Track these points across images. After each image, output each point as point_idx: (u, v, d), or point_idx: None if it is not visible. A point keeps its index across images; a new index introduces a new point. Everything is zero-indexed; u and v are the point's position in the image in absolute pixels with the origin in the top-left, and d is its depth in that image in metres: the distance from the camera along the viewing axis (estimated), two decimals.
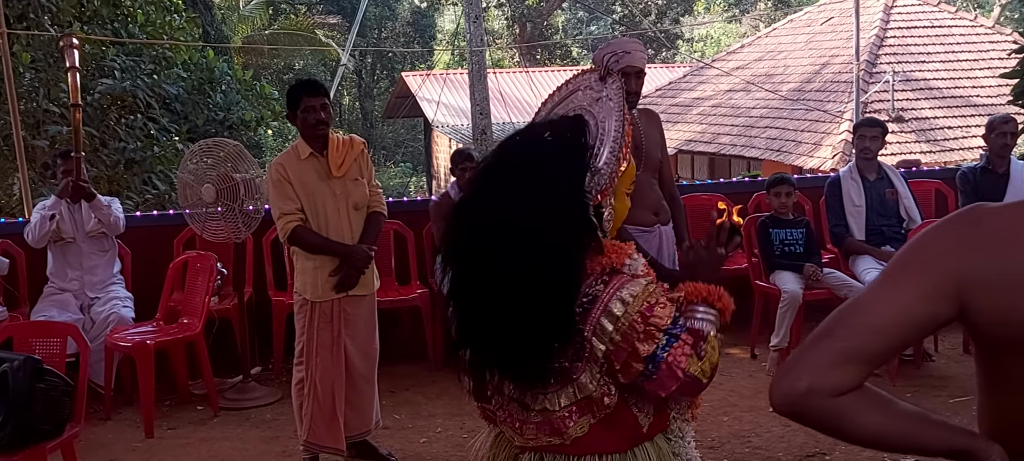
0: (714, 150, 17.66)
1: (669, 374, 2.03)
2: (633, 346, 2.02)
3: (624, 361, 2.03)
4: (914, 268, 1.41)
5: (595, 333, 2.03)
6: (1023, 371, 1.37)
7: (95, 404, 5.59)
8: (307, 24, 20.05)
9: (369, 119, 32.51)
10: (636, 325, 2.01)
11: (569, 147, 2.12)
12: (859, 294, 1.44)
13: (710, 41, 34.83)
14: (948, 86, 16.27)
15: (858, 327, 1.38)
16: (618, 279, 2.06)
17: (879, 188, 6.28)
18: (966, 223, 1.41)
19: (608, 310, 2.02)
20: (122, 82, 10.31)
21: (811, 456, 4.74)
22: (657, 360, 2.03)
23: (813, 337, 1.41)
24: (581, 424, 2.12)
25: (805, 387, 1.36)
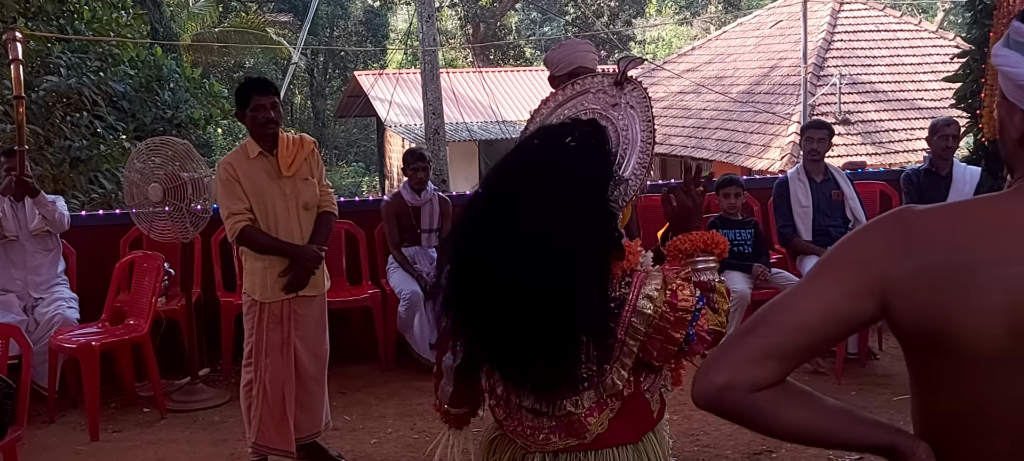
0: (665, 151, 17.79)
1: (699, 342, 2.14)
2: (667, 334, 2.09)
3: (660, 347, 2.11)
4: (840, 266, 1.43)
5: (629, 333, 2.08)
6: (943, 370, 1.40)
7: (38, 407, 5.49)
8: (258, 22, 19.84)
9: (321, 118, 32.27)
10: (667, 316, 2.08)
11: (595, 154, 2.10)
12: (784, 293, 1.46)
13: (661, 43, 35.08)
14: (893, 89, 16.56)
15: (780, 324, 1.40)
16: (638, 277, 2.12)
17: (826, 189, 6.38)
18: (893, 224, 1.43)
19: (638, 310, 2.07)
20: (67, 79, 10.13)
21: (758, 454, 4.80)
22: (690, 338, 2.13)
23: (735, 334, 1.43)
24: (601, 420, 2.16)
25: (723, 382, 1.38)
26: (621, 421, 2.19)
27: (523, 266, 1.99)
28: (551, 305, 1.99)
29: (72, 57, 10.53)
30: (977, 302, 1.33)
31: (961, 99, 8.00)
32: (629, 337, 2.08)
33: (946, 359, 1.38)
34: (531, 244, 2.00)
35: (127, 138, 10.54)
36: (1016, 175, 1.44)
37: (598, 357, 2.06)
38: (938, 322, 1.35)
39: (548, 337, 2.01)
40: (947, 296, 1.34)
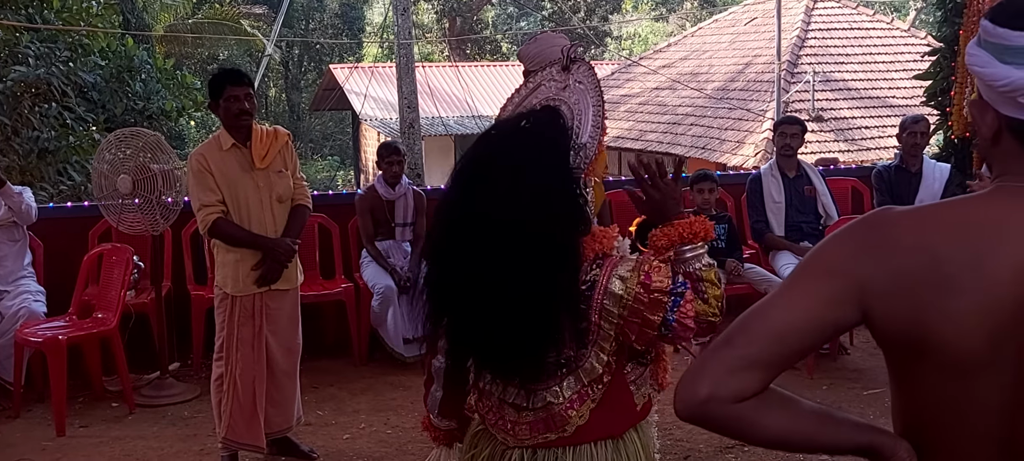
0: (641, 147, 17.82)
1: (683, 329, 2.10)
2: (643, 317, 2.07)
3: (638, 331, 2.09)
4: (816, 274, 1.42)
5: (603, 316, 2.08)
6: (922, 372, 1.39)
7: (3, 401, 5.43)
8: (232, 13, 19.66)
9: (296, 111, 32.09)
10: (641, 297, 2.06)
11: (549, 130, 2.14)
12: (762, 300, 1.45)
13: (638, 39, 35.17)
14: (866, 87, 16.68)
15: (759, 333, 1.39)
16: (610, 261, 2.13)
17: (798, 185, 6.40)
18: (868, 228, 1.42)
19: (609, 291, 2.07)
20: (36, 69, 10.00)
21: (730, 447, 4.80)
22: (669, 323, 2.09)
23: (715, 344, 1.42)
24: (582, 412, 2.16)
25: (705, 395, 1.37)
26: (602, 413, 2.18)
27: (493, 251, 2.02)
28: (523, 286, 2.02)
29: (41, 47, 10.40)
30: (954, 305, 1.32)
31: (931, 97, 8.05)
32: (603, 320, 2.08)
33: (925, 362, 1.37)
34: (499, 228, 2.03)
35: (97, 129, 10.44)
36: (994, 173, 1.43)
37: (575, 340, 2.09)
38: (916, 326, 1.34)
39: (524, 318, 2.03)
40: (924, 300, 1.33)
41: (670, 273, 2.12)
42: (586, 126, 2.21)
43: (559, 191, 2.08)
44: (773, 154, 6.81)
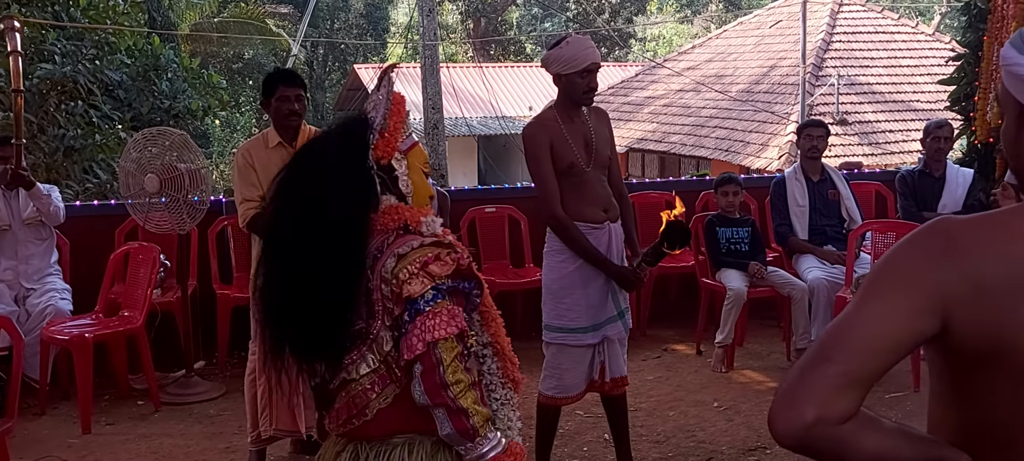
0: (664, 149, 17.79)
1: (419, 334, 2.07)
2: (402, 286, 2.09)
3: (395, 302, 2.11)
4: (898, 285, 1.37)
5: (381, 278, 2.12)
6: (993, 381, 1.36)
7: (30, 399, 5.46)
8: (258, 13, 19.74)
9: (321, 111, 32.17)
10: (412, 265, 2.10)
11: (348, 124, 2.30)
12: (847, 314, 1.39)
13: (662, 41, 35.07)
14: (890, 90, 16.58)
15: (857, 349, 1.34)
16: (409, 236, 2.19)
17: (822, 189, 6.37)
18: (937, 237, 1.39)
19: (395, 252, 2.13)
20: (62, 67, 10.08)
21: (753, 450, 4.79)
22: (416, 310, 2.09)
23: (810, 360, 1.36)
24: (385, 394, 2.16)
25: (813, 418, 1.31)
26: (411, 403, 2.14)
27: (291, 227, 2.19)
28: (307, 249, 2.15)
29: (67, 45, 10.47)
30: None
31: (955, 102, 8.00)
32: (383, 284, 2.12)
33: (993, 372, 1.34)
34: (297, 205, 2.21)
35: (123, 128, 10.50)
36: None
37: (366, 311, 2.14)
38: (990, 335, 1.32)
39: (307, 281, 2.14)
40: (1004, 307, 1.31)
41: (450, 272, 2.14)
42: (379, 111, 2.27)
43: (347, 167, 2.20)
44: (797, 157, 6.79)
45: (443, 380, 2.07)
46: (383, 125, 2.25)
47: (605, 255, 4.06)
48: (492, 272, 6.66)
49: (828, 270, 6.04)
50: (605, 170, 4.17)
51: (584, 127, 4.09)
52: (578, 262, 4.06)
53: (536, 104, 22.40)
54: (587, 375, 4.17)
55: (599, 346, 4.15)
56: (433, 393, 2.07)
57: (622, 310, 4.18)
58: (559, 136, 4.04)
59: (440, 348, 2.07)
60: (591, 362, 4.16)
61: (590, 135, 4.08)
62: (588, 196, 4.09)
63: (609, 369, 4.20)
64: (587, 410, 5.14)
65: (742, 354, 6.30)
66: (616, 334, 4.17)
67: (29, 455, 4.87)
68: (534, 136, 4.07)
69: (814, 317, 5.92)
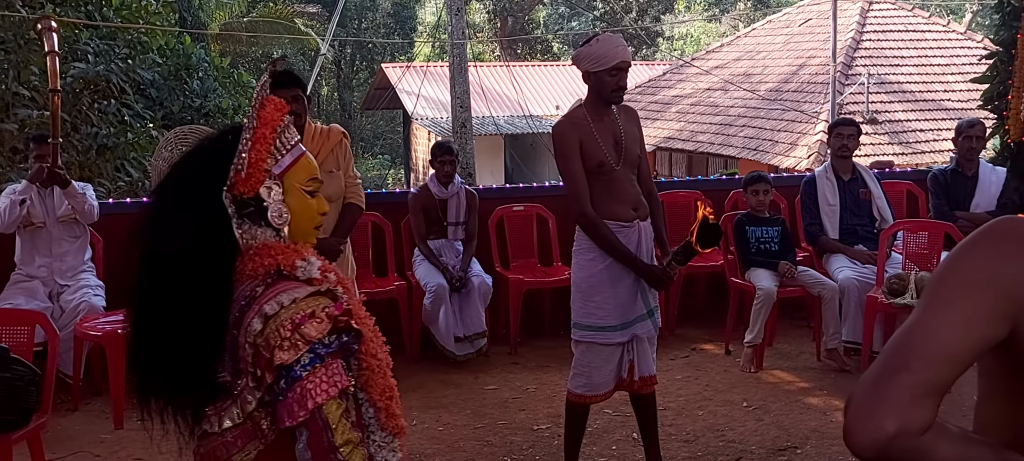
0: (692, 148, 17.73)
1: (300, 400, 1.86)
2: (272, 352, 1.86)
3: (263, 368, 1.89)
4: (967, 290, 1.34)
5: (246, 336, 1.90)
6: None
7: (63, 394, 5.51)
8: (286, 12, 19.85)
9: (348, 110, 32.36)
10: (283, 329, 1.87)
11: (210, 147, 2.07)
12: (918, 320, 1.36)
13: (690, 39, 34.96)
14: (921, 89, 16.43)
15: (933, 357, 1.31)
16: (283, 284, 1.94)
17: (853, 188, 6.33)
18: (1003, 239, 1.36)
19: (262, 311, 1.89)
20: (95, 66, 10.19)
21: (783, 450, 4.76)
22: (293, 377, 1.87)
23: (886, 369, 1.33)
24: (247, 450, 1.96)
25: (894, 429, 1.28)
26: (270, 455, 1.96)
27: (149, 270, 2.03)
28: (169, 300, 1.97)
29: (100, 44, 10.59)
30: None
31: (988, 101, 7.92)
32: (247, 343, 1.90)
33: None
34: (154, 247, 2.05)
35: (154, 126, 10.60)
36: None
37: (231, 365, 1.93)
38: None
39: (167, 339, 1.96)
40: None
41: (327, 331, 1.91)
42: (244, 136, 2.02)
43: (189, 211, 2.01)
44: (827, 156, 6.74)
45: (331, 443, 1.89)
46: (242, 159, 2.00)
47: (634, 253, 4.06)
48: (520, 270, 6.68)
49: (859, 270, 6.00)
50: (635, 168, 4.17)
51: (614, 125, 4.09)
52: (607, 260, 4.05)
53: (563, 103, 22.38)
54: (616, 373, 4.17)
55: (628, 345, 4.15)
56: (321, 458, 1.89)
57: (651, 309, 4.17)
58: (589, 134, 4.03)
59: (325, 411, 1.88)
60: (620, 360, 4.16)
61: (620, 133, 4.08)
62: (618, 194, 4.08)
63: (638, 368, 4.19)
64: (616, 409, 5.13)
65: (771, 354, 6.26)
66: (645, 333, 4.16)
67: (62, 450, 4.93)
68: (564, 134, 4.07)
69: (845, 317, 5.89)
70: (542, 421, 5.24)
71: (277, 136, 2.08)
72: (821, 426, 5.04)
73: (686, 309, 6.92)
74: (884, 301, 5.60)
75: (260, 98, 2.07)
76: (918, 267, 5.87)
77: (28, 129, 9.25)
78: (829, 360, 6.03)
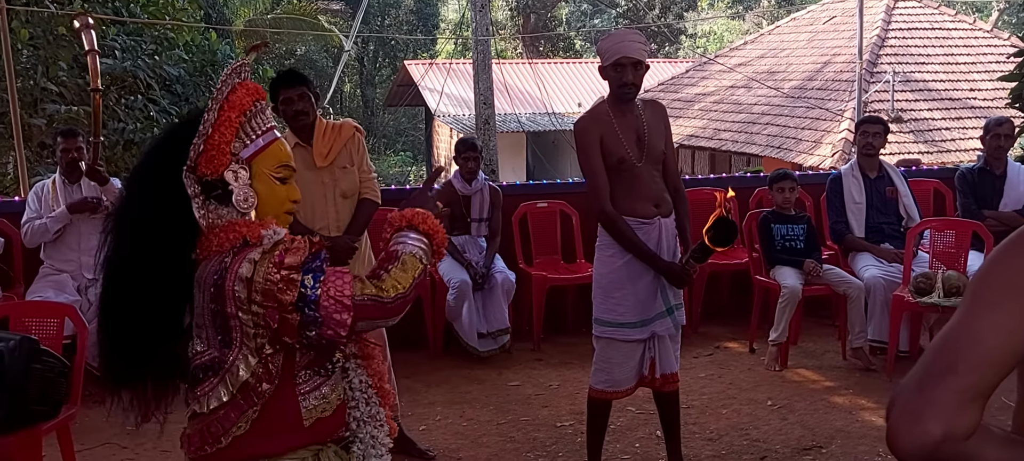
0: (715, 146, 17.67)
1: (334, 307, 1.92)
2: (277, 299, 1.91)
3: (279, 320, 1.93)
4: (1012, 292, 1.31)
5: (239, 306, 1.93)
6: None
7: (90, 386, 5.55)
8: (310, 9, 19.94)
9: (370, 106, 32.46)
10: (271, 276, 1.91)
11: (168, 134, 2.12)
12: (962, 322, 1.33)
13: (713, 37, 34.81)
14: (947, 88, 16.31)
15: (980, 361, 1.29)
16: (248, 249, 1.98)
17: (880, 186, 6.29)
18: None
19: (239, 275, 1.93)
20: (122, 62, 10.28)
21: (808, 449, 4.74)
22: (309, 300, 1.91)
23: (929, 374, 1.31)
24: (243, 421, 2.01)
25: (940, 434, 1.26)
26: (262, 426, 2.02)
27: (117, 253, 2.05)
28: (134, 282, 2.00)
29: (127, 40, 10.68)
30: None
31: (1016, 98, 7.86)
32: (241, 311, 1.93)
33: None
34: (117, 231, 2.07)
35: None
36: None
37: (219, 340, 1.98)
38: None
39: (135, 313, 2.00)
40: None
41: (305, 247, 1.98)
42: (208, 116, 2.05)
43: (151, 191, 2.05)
44: (853, 154, 6.70)
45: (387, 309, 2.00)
46: (205, 135, 2.03)
47: (653, 251, 4.03)
48: (543, 267, 6.68)
49: (885, 268, 5.96)
50: (658, 165, 4.13)
51: (637, 121, 4.06)
52: (627, 257, 4.04)
53: (585, 100, 22.36)
54: (637, 370, 4.16)
55: (649, 342, 4.13)
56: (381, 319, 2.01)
57: (671, 306, 4.14)
58: (610, 130, 4.02)
59: (359, 292, 1.96)
60: (641, 357, 4.14)
61: (643, 129, 4.06)
62: (638, 191, 4.06)
63: (659, 365, 4.17)
64: (639, 406, 5.12)
65: (796, 353, 6.24)
66: (665, 330, 4.13)
67: (90, 441, 4.98)
68: (585, 130, 4.07)
69: (870, 316, 5.85)
70: (565, 418, 5.24)
71: (247, 120, 2.10)
72: (846, 425, 5.01)
73: (710, 307, 6.90)
74: (911, 300, 5.56)
75: (231, 82, 2.09)
76: (945, 266, 5.83)
77: (56, 124, 9.34)
78: (854, 359, 5.99)
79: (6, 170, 10.52)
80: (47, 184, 5.89)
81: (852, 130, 11.12)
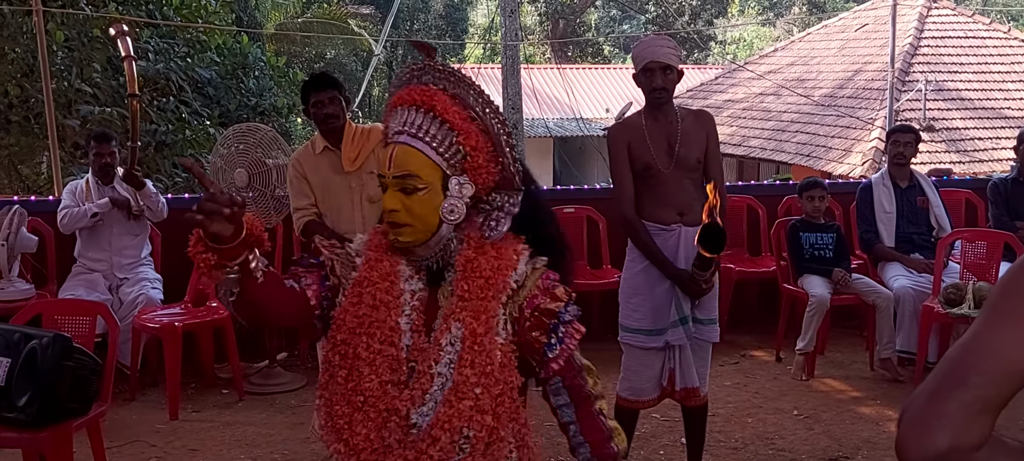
0: (743, 153, 17.57)
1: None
2: None
3: None
4: None
5: None
6: None
7: (120, 384, 5.63)
8: (340, 13, 20.02)
9: None
10: None
11: None
12: (979, 333, 1.31)
13: (743, 44, 34.63)
14: (980, 97, 16.13)
15: (992, 372, 1.27)
16: None
17: (910, 196, 6.24)
18: None
19: None
20: (155, 64, 10.38)
21: (834, 459, 4.71)
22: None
23: (943, 383, 1.29)
24: None
25: (947, 446, 1.25)
26: None
27: None
28: None
29: (160, 43, 10.79)
30: None
31: None
32: None
33: None
34: None
35: (211, 124, 10.76)
36: None
37: None
38: None
39: None
40: None
41: None
42: None
43: None
44: (884, 163, 6.66)
45: None
46: None
47: (667, 257, 3.99)
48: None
49: (915, 279, 5.92)
50: (692, 174, 4.09)
51: (670, 128, 4.05)
52: (645, 263, 4.03)
53: (613, 106, 22.32)
54: (657, 380, 4.10)
55: (669, 352, 4.07)
56: None
57: (685, 316, 4.02)
58: (639, 137, 4.03)
59: None
60: (662, 368, 4.10)
61: (675, 137, 4.05)
62: (662, 198, 4.05)
63: (679, 377, 4.08)
64: (664, 413, 5.12)
65: (823, 362, 6.20)
66: (678, 340, 4.02)
67: (119, 439, 5.03)
68: (614, 137, 4.11)
69: (899, 327, 5.81)
70: None
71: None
72: (873, 437, 4.98)
73: (737, 315, 6.87)
74: (940, 311, 5.51)
75: None
76: (976, 277, 5.77)
77: (89, 125, 9.46)
78: (882, 370, 5.95)
79: (40, 170, 10.66)
80: (81, 184, 5.97)
81: (883, 139, 11.04)
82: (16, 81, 9.92)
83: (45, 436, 3.83)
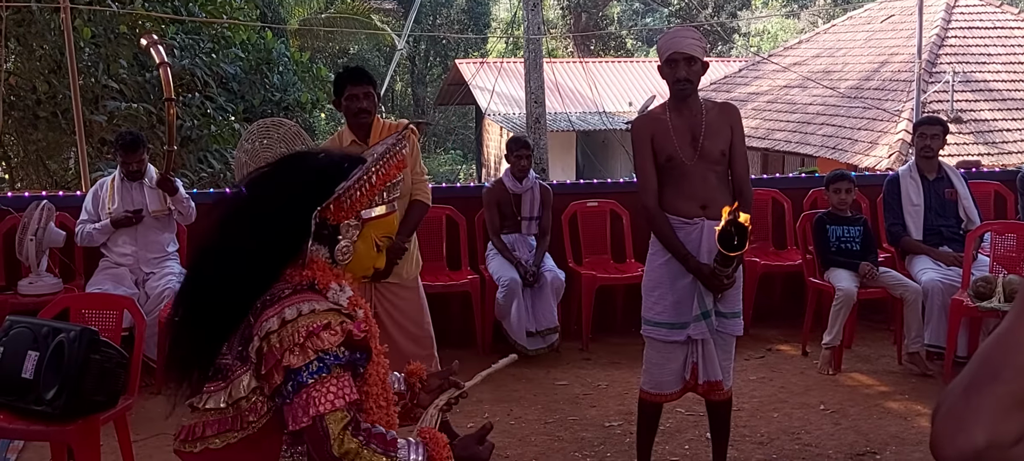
0: (767, 146, 17.47)
1: (303, 406, 1.98)
2: (283, 354, 1.99)
3: (271, 368, 2.01)
4: None
5: (259, 331, 2.03)
6: None
7: (146, 378, 5.66)
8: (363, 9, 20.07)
9: (421, 105, 32.63)
10: (297, 334, 1.99)
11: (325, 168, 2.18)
12: (1011, 326, 1.29)
13: (767, 36, 34.42)
14: (1009, 88, 15.94)
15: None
16: (308, 294, 2.07)
17: (938, 188, 6.17)
18: None
19: (281, 313, 2.02)
20: (181, 60, 10.44)
21: (862, 455, 4.67)
22: (300, 382, 1.99)
23: (977, 378, 1.28)
24: (220, 438, 2.10)
25: (984, 442, 1.23)
26: (240, 452, 2.10)
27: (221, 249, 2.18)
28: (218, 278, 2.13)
29: (185, 39, 10.85)
30: None
31: None
32: (258, 335, 2.03)
33: None
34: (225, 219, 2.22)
35: (236, 119, 10.82)
36: None
37: (238, 350, 2.08)
38: None
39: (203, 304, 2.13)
40: None
41: (339, 343, 2.04)
42: (352, 178, 2.14)
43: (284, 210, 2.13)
44: (911, 155, 6.59)
45: (330, 454, 2.00)
46: (351, 197, 2.15)
47: (689, 251, 3.95)
48: (593, 266, 6.66)
49: (943, 272, 5.86)
50: (716, 167, 4.06)
51: (694, 120, 4.02)
52: (667, 257, 4.01)
53: (636, 99, 22.26)
54: (680, 374, 4.07)
55: (692, 346, 4.04)
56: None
57: (707, 310, 3.98)
58: (663, 129, 4.01)
59: (327, 420, 1.99)
60: (684, 361, 4.07)
61: (699, 129, 4.02)
62: (686, 190, 4.02)
63: (702, 371, 4.05)
64: (689, 408, 5.09)
65: (850, 357, 6.15)
66: (700, 334, 3.99)
67: (145, 432, 5.05)
68: (638, 129, 4.11)
69: (928, 320, 5.75)
70: (613, 418, 5.22)
71: (385, 190, 2.23)
72: (901, 432, 4.93)
73: (763, 309, 6.83)
74: (970, 305, 5.45)
75: (398, 152, 2.23)
76: (1006, 270, 5.71)
77: (116, 121, 9.52)
78: (910, 364, 5.89)
79: (67, 165, 10.76)
80: (106, 182, 6.02)
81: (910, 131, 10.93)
82: (44, 77, 10.01)
83: (72, 429, 3.85)
